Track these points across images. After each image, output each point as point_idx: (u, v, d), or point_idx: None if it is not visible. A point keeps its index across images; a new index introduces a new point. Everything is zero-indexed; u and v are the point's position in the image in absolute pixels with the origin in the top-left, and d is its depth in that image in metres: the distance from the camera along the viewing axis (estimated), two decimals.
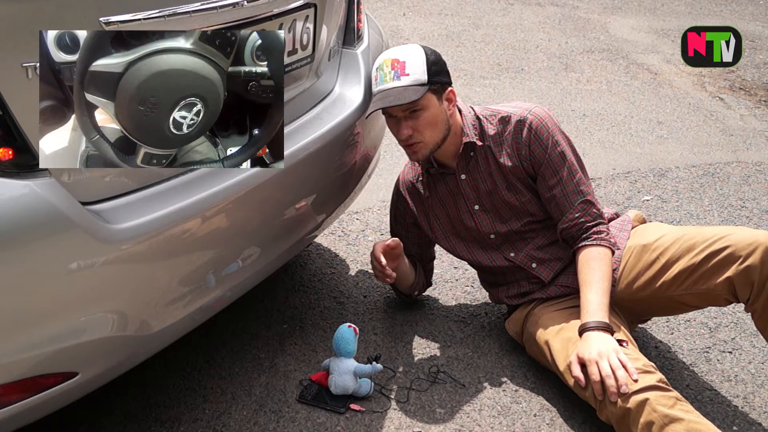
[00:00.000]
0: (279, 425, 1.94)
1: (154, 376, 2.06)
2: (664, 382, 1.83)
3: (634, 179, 3.49)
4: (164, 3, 1.47)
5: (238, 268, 1.79)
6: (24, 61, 1.29)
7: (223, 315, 1.90)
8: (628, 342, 1.95)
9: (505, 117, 2.14)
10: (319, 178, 2.01)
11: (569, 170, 2.11)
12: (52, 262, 1.35)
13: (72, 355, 1.45)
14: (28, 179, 1.31)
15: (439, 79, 2.06)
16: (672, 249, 2.04)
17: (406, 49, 2.06)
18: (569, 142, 2.15)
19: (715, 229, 2.04)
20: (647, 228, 2.22)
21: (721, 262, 1.95)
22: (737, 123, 4.25)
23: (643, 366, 1.84)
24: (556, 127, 2.12)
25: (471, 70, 4.77)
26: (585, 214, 2.11)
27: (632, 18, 6.20)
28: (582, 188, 2.12)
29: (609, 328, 1.94)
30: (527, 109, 2.13)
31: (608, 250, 2.08)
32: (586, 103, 4.38)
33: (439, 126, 2.07)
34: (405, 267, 2.31)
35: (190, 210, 1.57)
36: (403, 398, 2.06)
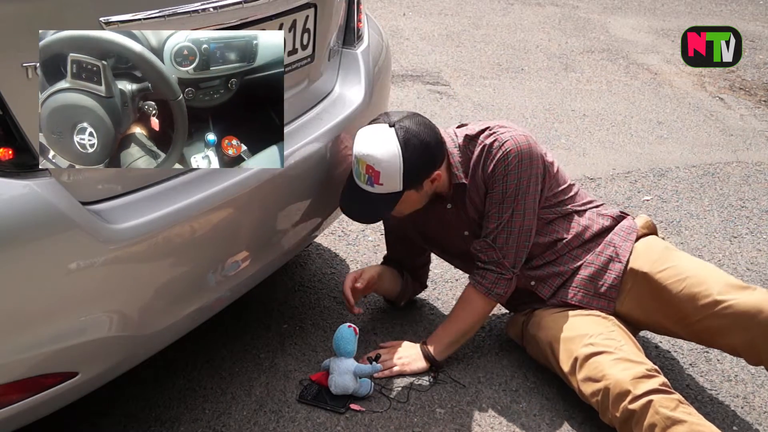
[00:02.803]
0: (279, 425, 1.94)
1: (154, 376, 2.06)
2: (667, 386, 1.83)
3: (634, 179, 3.49)
4: (164, 3, 1.48)
5: (238, 268, 1.79)
6: (24, 61, 1.29)
7: (223, 315, 1.90)
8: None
9: (482, 143, 2.07)
10: (319, 178, 2.01)
11: (498, 211, 2.06)
12: (52, 262, 1.35)
13: (72, 355, 1.45)
14: (28, 179, 1.31)
15: (418, 178, 2.00)
16: (675, 289, 2.01)
17: (383, 153, 1.92)
18: (525, 182, 2.03)
19: (720, 277, 2.01)
20: (652, 248, 2.13)
21: (726, 327, 1.95)
22: (737, 123, 4.25)
23: (646, 370, 1.85)
24: (519, 163, 2.02)
25: (471, 70, 4.77)
26: (483, 253, 2.10)
27: (632, 18, 6.20)
28: (499, 233, 2.06)
29: (432, 360, 2.12)
30: (501, 140, 2.04)
31: (481, 296, 2.10)
32: (586, 103, 4.38)
33: (420, 201, 2.08)
34: (385, 284, 2.32)
35: (190, 210, 1.57)
36: (403, 398, 2.05)
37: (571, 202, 2.18)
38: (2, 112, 1.27)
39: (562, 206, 2.16)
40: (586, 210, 2.20)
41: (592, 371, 1.91)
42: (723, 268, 2.78)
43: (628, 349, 1.94)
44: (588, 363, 1.92)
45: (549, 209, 2.14)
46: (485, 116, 4.07)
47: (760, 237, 3.05)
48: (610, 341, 1.95)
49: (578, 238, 2.14)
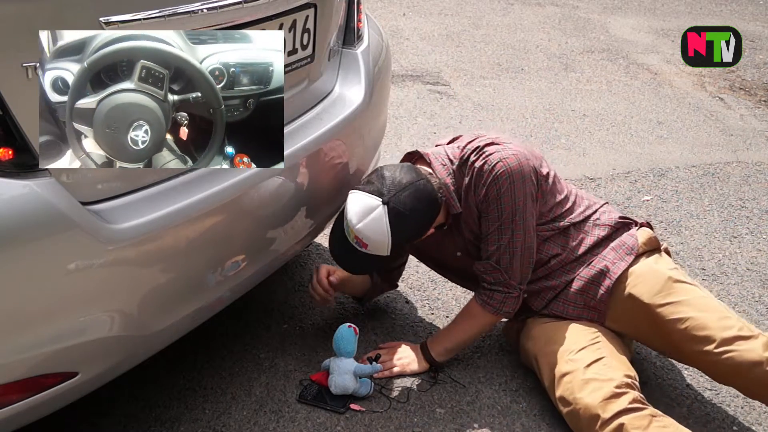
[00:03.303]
0: (279, 425, 1.94)
1: (154, 376, 2.06)
2: (638, 401, 1.83)
3: (634, 179, 3.49)
4: (164, 3, 1.48)
5: (238, 268, 1.79)
6: (24, 61, 1.29)
7: (223, 315, 1.90)
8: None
9: (472, 166, 2.03)
10: (319, 178, 2.01)
11: (497, 233, 2.03)
12: (52, 262, 1.35)
13: (72, 355, 1.45)
14: (28, 179, 1.31)
15: (408, 244, 2.05)
16: (675, 327, 1.96)
17: (372, 231, 1.94)
18: (521, 201, 2.00)
19: (723, 322, 1.93)
20: (655, 276, 2.03)
21: (723, 371, 1.94)
22: (737, 123, 4.25)
23: (614, 388, 1.84)
24: (511, 185, 1.98)
25: (471, 70, 4.77)
26: (488, 275, 2.08)
27: (632, 18, 6.20)
28: (501, 254, 2.03)
29: (431, 361, 2.13)
30: (491, 162, 2.00)
31: (487, 313, 2.09)
32: (586, 103, 4.38)
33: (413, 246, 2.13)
34: (355, 283, 2.31)
35: (190, 210, 1.57)
36: (403, 398, 2.06)
37: (569, 215, 2.12)
38: (2, 112, 1.28)
39: (559, 221, 2.10)
40: (583, 222, 2.14)
41: (564, 391, 1.92)
42: (723, 268, 2.79)
43: (607, 362, 1.92)
44: (562, 382, 1.94)
45: (545, 225, 2.09)
46: (485, 116, 4.07)
47: (760, 237, 3.05)
48: (589, 354, 1.95)
49: (573, 252, 2.11)
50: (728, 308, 2.01)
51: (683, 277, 2.06)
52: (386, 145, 3.51)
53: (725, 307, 2.01)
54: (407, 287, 2.55)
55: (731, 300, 2.60)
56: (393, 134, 3.69)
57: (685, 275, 2.09)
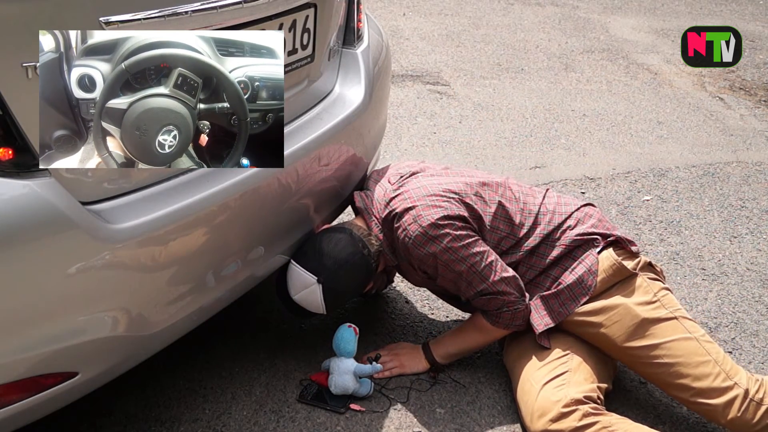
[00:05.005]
0: (279, 425, 1.94)
1: (154, 376, 2.06)
2: (589, 414, 1.84)
3: (634, 179, 3.49)
4: (164, 3, 1.48)
5: (238, 268, 1.79)
6: (24, 61, 1.29)
7: (223, 315, 1.90)
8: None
9: (389, 225, 2.03)
10: (318, 178, 2.01)
11: (458, 278, 2.00)
12: (52, 262, 1.35)
13: (72, 355, 1.44)
14: (28, 179, 1.31)
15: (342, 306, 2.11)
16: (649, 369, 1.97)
17: (308, 303, 2.01)
18: (456, 242, 1.95)
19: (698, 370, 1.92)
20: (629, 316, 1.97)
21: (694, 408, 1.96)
22: (737, 123, 4.25)
23: (562, 408, 1.86)
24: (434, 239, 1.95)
25: (471, 70, 4.77)
26: (488, 305, 2.03)
27: (632, 18, 6.20)
28: (482, 289, 1.99)
29: (432, 361, 2.14)
30: (404, 225, 1.98)
31: (499, 328, 2.05)
32: (586, 103, 4.38)
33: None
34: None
35: (190, 210, 1.57)
36: (403, 398, 2.06)
37: (529, 238, 2.05)
38: (2, 112, 1.28)
39: (519, 249, 2.05)
40: (547, 242, 2.06)
41: (522, 406, 1.96)
42: (723, 268, 2.79)
43: (566, 377, 1.93)
44: (519, 398, 1.98)
45: (507, 255, 2.05)
46: (485, 116, 4.07)
47: (760, 237, 3.05)
48: (549, 371, 1.95)
49: (539, 269, 2.06)
50: (707, 343, 1.95)
51: (659, 312, 1.97)
52: (386, 145, 3.51)
53: (704, 342, 1.95)
54: (407, 287, 2.55)
55: (731, 300, 2.60)
56: (393, 134, 3.69)
57: (660, 307, 1.98)
